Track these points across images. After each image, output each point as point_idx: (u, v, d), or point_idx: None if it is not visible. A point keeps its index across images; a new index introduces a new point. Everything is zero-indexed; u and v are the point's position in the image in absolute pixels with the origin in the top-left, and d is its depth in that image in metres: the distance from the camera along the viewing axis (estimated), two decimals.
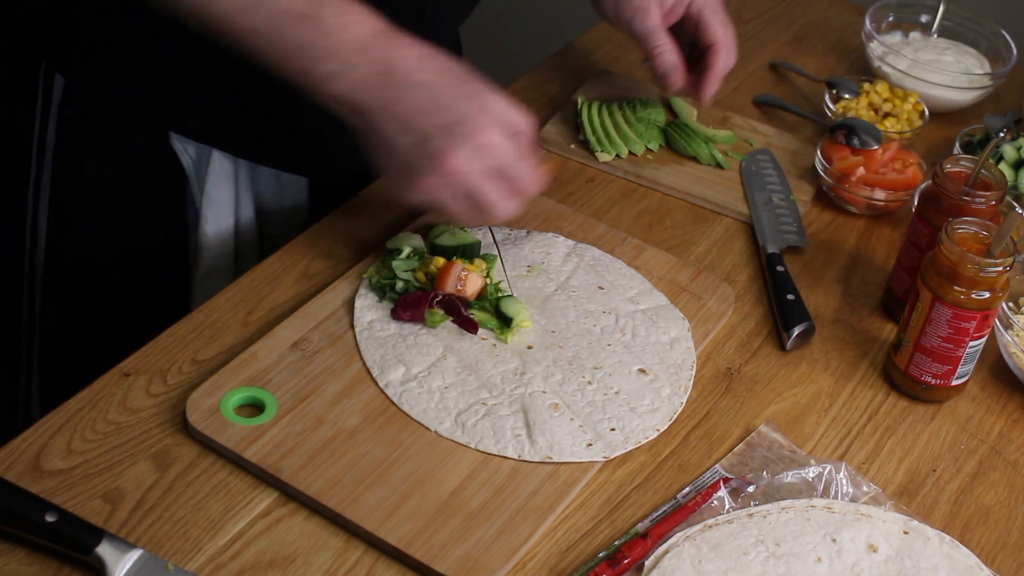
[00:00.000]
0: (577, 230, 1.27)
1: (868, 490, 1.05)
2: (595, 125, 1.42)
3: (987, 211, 1.17)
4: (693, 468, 1.06)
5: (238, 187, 1.33)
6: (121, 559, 0.90)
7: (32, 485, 0.96)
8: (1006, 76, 1.58)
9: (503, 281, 1.19)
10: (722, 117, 1.50)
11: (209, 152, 1.29)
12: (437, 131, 1.04)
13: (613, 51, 1.62)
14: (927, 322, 1.12)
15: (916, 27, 1.67)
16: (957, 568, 0.99)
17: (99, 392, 1.05)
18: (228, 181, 1.31)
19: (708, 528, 0.98)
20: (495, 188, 1.07)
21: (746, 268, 1.29)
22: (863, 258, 1.33)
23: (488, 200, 1.07)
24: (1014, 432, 1.15)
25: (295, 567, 0.94)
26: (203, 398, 1.03)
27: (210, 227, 1.32)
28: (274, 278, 1.18)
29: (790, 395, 1.15)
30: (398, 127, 1.05)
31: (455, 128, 1.04)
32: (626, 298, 1.20)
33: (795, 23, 1.75)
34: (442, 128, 1.04)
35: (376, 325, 1.12)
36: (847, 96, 1.51)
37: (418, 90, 1.05)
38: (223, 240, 1.34)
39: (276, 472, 0.98)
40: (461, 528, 0.96)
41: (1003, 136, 1.40)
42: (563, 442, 1.04)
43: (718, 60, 1.32)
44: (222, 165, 1.30)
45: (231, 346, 1.11)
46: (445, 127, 1.04)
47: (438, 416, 1.05)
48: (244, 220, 1.35)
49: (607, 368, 1.12)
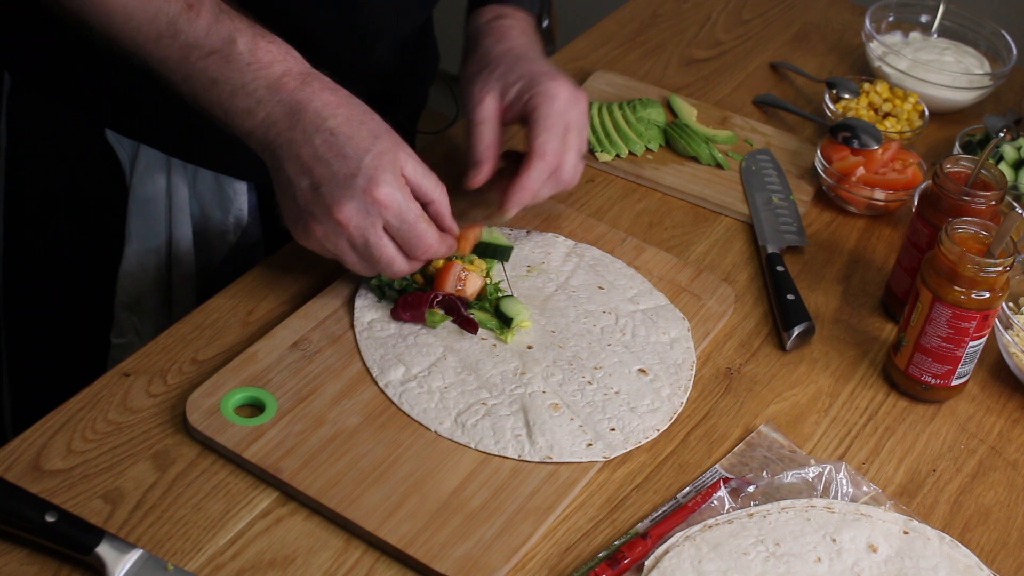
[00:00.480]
0: (577, 230, 1.27)
1: (868, 490, 1.05)
2: (595, 125, 1.42)
3: (987, 211, 1.17)
4: (693, 468, 1.06)
5: (171, 186, 1.30)
6: (121, 559, 0.90)
7: (32, 485, 0.96)
8: (1006, 76, 1.58)
9: (503, 281, 1.19)
10: (722, 117, 1.50)
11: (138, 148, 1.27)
12: (333, 180, 1.04)
13: (613, 51, 1.62)
14: (927, 322, 1.12)
15: (916, 27, 1.67)
16: (957, 568, 0.99)
17: (99, 392, 1.05)
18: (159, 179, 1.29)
19: (708, 528, 0.98)
20: (388, 245, 1.06)
21: (746, 268, 1.29)
22: (863, 258, 1.33)
23: (380, 255, 1.06)
24: (1014, 432, 1.15)
25: (295, 567, 0.94)
26: (203, 398, 1.03)
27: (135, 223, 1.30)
28: (274, 278, 1.18)
29: (790, 395, 1.15)
30: (299, 170, 1.05)
31: (352, 180, 1.04)
32: (626, 298, 1.20)
33: (795, 23, 1.75)
34: (339, 177, 1.04)
35: (376, 325, 1.12)
36: (847, 96, 1.51)
37: (325, 135, 1.04)
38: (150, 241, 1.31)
39: (276, 472, 0.98)
40: (461, 528, 0.96)
41: (1003, 136, 1.40)
42: (563, 442, 1.04)
43: (527, 168, 1.14)
44: (150, 162, 1.28)
45: (231, 346, 1.11)
46: (342, 177, 1.04)
47: (438, 416, 1.05)
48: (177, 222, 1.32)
49: (607, 368, 1.12)
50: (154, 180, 1.29)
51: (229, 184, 1.32)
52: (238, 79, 1.04)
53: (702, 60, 1.63)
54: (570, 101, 1.16)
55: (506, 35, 1.23)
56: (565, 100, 1.15)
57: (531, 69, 1.18)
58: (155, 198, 1.29)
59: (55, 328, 1.41)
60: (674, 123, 1.45)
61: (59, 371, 1.40)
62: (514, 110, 1.17)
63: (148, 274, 1.33)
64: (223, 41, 1.04)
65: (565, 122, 1.15)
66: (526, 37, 1.25)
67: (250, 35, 1.06)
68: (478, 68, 1.20)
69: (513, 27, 1.25)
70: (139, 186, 1.29)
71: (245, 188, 1.33)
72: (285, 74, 1.06)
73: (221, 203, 1.33)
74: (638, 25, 1.69)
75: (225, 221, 1.34)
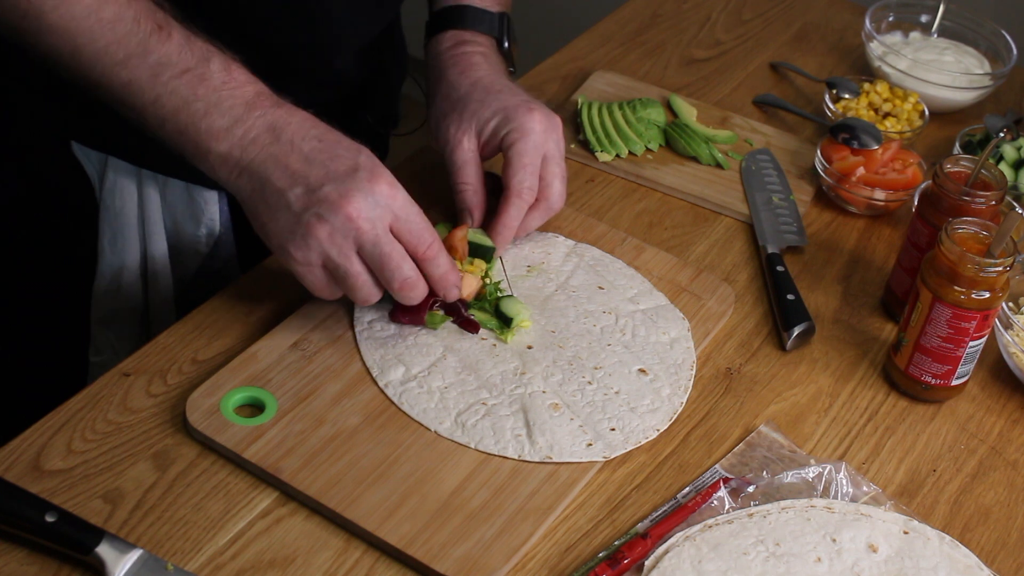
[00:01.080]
0: (577, 230, 1.27)
1: (868, 490, 1.05)
2: (595, 125, 1.42)
3: (987, 211, 1.17)
4: (693, 468, 1.06)
5: (143, 199, 1.28)
6: (121, 559, 0.90)
7: (32, 485, 0.96)
8: (1006, 76, 1.58)
9: (503, 281, 1.19)
10: (722, 117, 1.50)
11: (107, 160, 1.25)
12: (333, 177, 1.01)
13: (613, 51, 1.62)
14: (927, 322, 1.12)
15: (916, 27, 1.67)
16: (957, 568, 0.99)
17: (99, 392, 1.05)
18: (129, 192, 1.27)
19: (708, 528, 0.98)
20: (394, 246, 1.02)
21: (746, 268, 1.29)
22: (863, 258, 1.33)
23: (391, 253, 1.02)
24: (1014, 432, 1.15)
25: (295, 567, 0.94)
26: (203, 398, 1.03)
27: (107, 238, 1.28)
28: (274, 278, 1.18)
29: (790, 395, 1.15)
30: (289, 179, 1.01)
31: (354, 174, 1.01)
32: (626, 298, 1.20)
33: (795, 23, 1.75)
34: (339, 174, 1.01)
35: (376, 325, 1.12)
36: (847, 96, 1.51)
37: (312, 143, 1.02)
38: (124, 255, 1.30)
39: (276, 472, 0.98)
40: (461, 528, 0.96)
41: (1003, 136, 1.40)
42: (563, 442, 1.04)
43: (506, 208, 1.16)
44: (120, 175, 1.26)
45: (231, 346, 1.11)
46: (342, 173, 1.01)
47: (438, 416, 1.05)
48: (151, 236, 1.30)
49: (607, 368, 1.12)
50: (124, 193, 1.27)
51: (199, 194, 1.30)
52: (213, 97, 1.02)
53: (702, 60, 1.63)
54: (546, 132, 1.17)
55: (470, 65, 1.23)
56: (540, 132, 1.16)
57: (504, 103, 1.18)
58: (126, 212, 1.28)
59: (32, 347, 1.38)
60: (674, 123, 1.45)
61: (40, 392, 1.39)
62: (491, 146, 1.19)
63: (124, 290, 1.31)
64: (197, 60, 1.03)
65: (542, 154, 1.17)
66: (489, 65, 1.24)
67: (222, 56, 1.04)
68: (449, 107, 1.20)
69: (475, 54, 1.24)
70: (109, 200, 1.27)
71: (216, 197, 1.31)
72: (260, 94, 1.04)
73: (193, 214, 1.31)
74: (638, 25, 1.69)
75: (197, 232, 1.32)
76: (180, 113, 1.02)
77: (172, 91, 1.02)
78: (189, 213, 1.31)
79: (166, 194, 1.29)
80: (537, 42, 2.12)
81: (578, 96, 1.48)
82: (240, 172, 1.03)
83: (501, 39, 1.29)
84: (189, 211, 1.31)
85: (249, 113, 1.02)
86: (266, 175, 1.02)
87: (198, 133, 1.02)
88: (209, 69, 1.03)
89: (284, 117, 1.03)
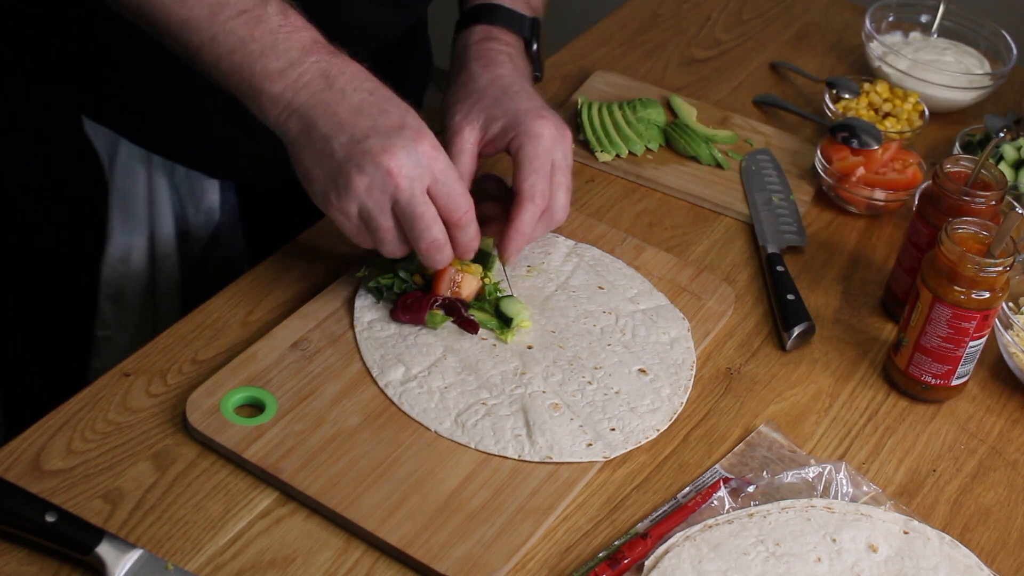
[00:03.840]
0: (577, 230, 1.27)
1: (868, 490, 1.05)
2: (595, 125, 1.42)
3: (987, 211, 1.17)
4: (693, 468, 1.06)
5: (151, 181, 1.29)
6: (121, 559, 0.90)
7: (32, 485, 0.96)
8: (1006, 76, 1.58)
9: (503, 281, 1.19)
10: (722, 117, 1.50)
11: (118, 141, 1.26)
12: (379, 130, 1.01)
13: (613, 51, 1.62)
14: (927, 322, 1.12)
15: (916, 27, 1.67)
16: (957, 568, 0.99)
17: (99, 392, 1.05)
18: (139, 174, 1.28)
19: (708, 528, 0.98)
20: (428, 207, 1.02)
21: (746, 268, 1.29)
22: (863, 258, 1.33)
23: (423, 213, 1.02)
24: (1014, 432, 1.15)
25: (295, 567, 0.94)
26: (203, 398, 1.03)
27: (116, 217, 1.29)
28: (274, 278, 1.18)
29: (790, 395, 1.15)
30: (336, 126, 1.02)
31: (400, 130, 1.02)
32: (626, 298, 1.20)
33: (795, 23, 1.75)
34: (385, 128, 1.01)
35: (376, 325, 1.12)
36: (847, 96, 1.51)
37: (363, 95, 1.03)
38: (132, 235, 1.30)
39: (276, 472, 0.98)
40: (461, 528, 0.96)
41: (1003, 136, 1.40)
42: (563, 442, 1.04)
43: (519, 212, 1.12)
44: (131, 157, 1.27)
45: (231, 346, 1.11)
46: (389, 128, 1.02)
47: (438, 416, 1.05)
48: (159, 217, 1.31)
49: (607, 368, 1.12)
50: (134, 175, 1.28)
51: (200, 181, 1.31)
52: (270, 39, 1.03)
53: (702, 60, 1.63)
54: (555, 140, 1.15)
55: (494, 61, 1.22)
56: (550, 139, 1.14)
57: (517, 106, 1.16)
58: (136, 192, 1.29)
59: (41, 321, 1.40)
60: (674, 123, 1.45)
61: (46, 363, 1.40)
62: (496, 145, 1.16)
63: (131, 267, 1.32)
64: (255, 2, 1.03)
65: (551, 161, 1.14)
66: (513, 65, 1.23)
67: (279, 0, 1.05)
68: (463, 95, 1.19)
69: (501, 52, 1.23)
70: (119, 181, 1.28)
71: (216, 186, 1.32)
72: (316, 41, 1.05)
73: (194, 199, 1.32)
74: (638, 25, 1.69)
75: (197, 216, 1.34)
76: (236, 53, 1.03)
77: (229, 31, 1.03)
78: (191, 198, 1.32)
79: (173, 176, 1.30)
80: None
81: (578, 96, 1.48)
82: (290, 114, 1.03)
83: (530, 41, 1.28)
84: (191, 196, 1.32)
85: (304, 57, 1.03)
86: (314, 119, 1.02)
87: (252, 74, 1.03)
88: (266, 12, 1.03)
89: (339, 65, 1.04)
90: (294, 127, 1.04)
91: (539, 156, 1.13)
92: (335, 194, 1.03)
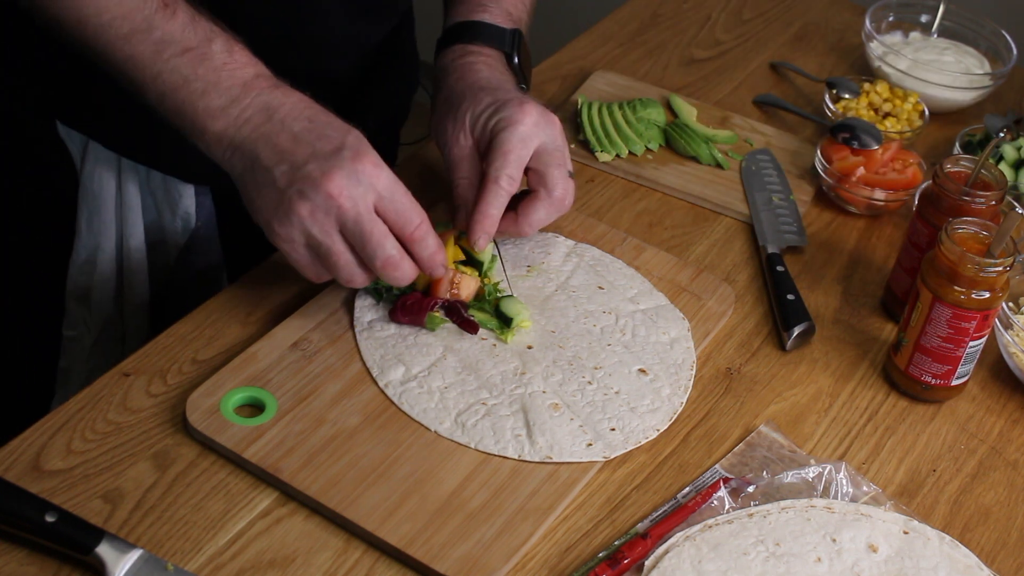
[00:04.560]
0: (577, 230, 1.27)
1: (868, 490, 1.05)
2: (595, 125, 1.42)
3: (987, 211, 1.17)
4: (693, 468, 1.06)
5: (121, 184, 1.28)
6: (121, 559, 0.90)
7: (32, 485, 0.96)
8: (1006, 76, 1.58)
9: (503, 281, 1.19)
10: (722, 117, 1.50)
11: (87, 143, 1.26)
12: (318, 156, 1.01)
13: (613, 51, 1.62)
14: (927, 322, 1.12)
15: (916, 27, 1.67)
16: (957, 568, 0.99)
17: (99, 392, 1.05)
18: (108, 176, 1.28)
19: (708, 528, 0.99)
20: (380, 222, 1.01)
21: (746, 268, 1.29)
22: (863, 258, 1.33)
23: (372, 232, 1.00)
24: (1014, 432, 1.15)
25: (295, 567, 0.94)
26: (203, 398, 1.03)
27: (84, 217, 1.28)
28: (274, 278, 1.18)
29: (790, 395, 1.15)
30: (276, 157, 1.02)
31: (339, 152, 1.01)
32: (626, 298, 1.20)
33: (795, 23, 1.75)
34: (324, 153, 1.01)
35: (376, 325, 1.12)
36: (847, 96, 1.51)
37: (303, 123, 1.03)
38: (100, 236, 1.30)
39: (276, 472, 0.98)
40: (461, 528, 0.96)
41: (1003, 136, 1.40)
42: (563, 442, 1.04)
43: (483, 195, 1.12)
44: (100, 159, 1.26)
45: (231, 346, 1.11)
46: (327, 152, 1.01)
47: (438, 416, 1.05)
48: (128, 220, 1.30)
49: (607, 368, 1.12)
50: (103, 177, 1.28)
51: (175, 186, 1.31)
52: (212, 77, 1.03)
53: (702, 60, 1.63)
54: (537, 125, 1.13)
55: (470, 71, 1.21)
56: (530, 125, 1.12)
57: (497, 97, 1.15)
58: (104, 195, 1.29)
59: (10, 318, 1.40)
60: (674, 123, 1.45)
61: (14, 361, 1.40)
62: (484, 141, 1.14)
63: (98, 269, 1.32)
64: (200, 40, 1.04)
65: (532, 146, 1.13)
66: (491, 71, 1.22)
67: (225, 37, 1.05)
68: (445, 109, 1.18)
69: (477, 63, 1.23)
70: (88, 182, 1.28)
71: (192, 191, 1.32)
72: (259, 75, 1.05)
73: (169, 204, 1.32)
74: (638, 25, 1.69)
75: (174, 223, 1.33)
76: (179, 91, 1.03)
77: (173, 69, 1.03)
78: (167, 203, 1.32)
79: (148, 181, 1.30)
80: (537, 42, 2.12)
81: (578, 96, 1.48)
82: (234, 151, 1.04)
83: (511, 55, 1.26)
84: (167, 201, 1.32)
85: (246, 93, 1.03)
86: (256, 153, 1.02)
87: (195, 112, 1.03)
88: (211, 49, 1.04)
89: (279, 98, 1.04)
90: (238, 163, 1.04)
91: (509, 140, 1.11)
92: (277, 222, 1.02)
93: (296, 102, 1.05)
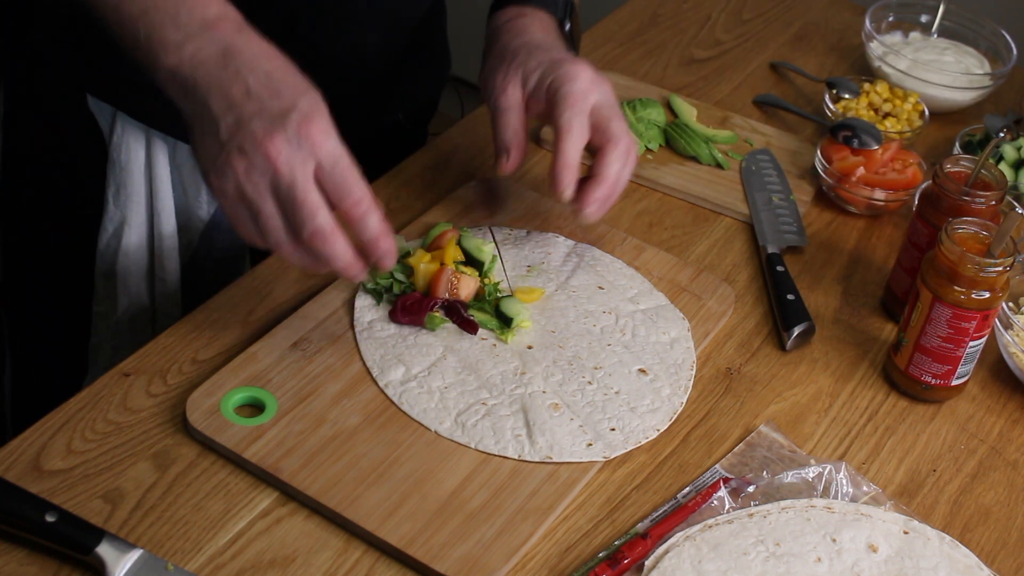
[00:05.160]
0: (577, 230, 1.27)
1: (868, 490, 1.05)
2: None
3: (987, 211, 1.17)
4: (693, 468, 1.06)
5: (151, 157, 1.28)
6: (121, 559, 0.90)
7: (32, 485, 0.96)
8: (1006, 76, 1.58)
9: (503, 281, 1.19)
10: (722, 117, 1.50)
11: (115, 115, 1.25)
12: (264, 114, 0.96)
13: (613, 51, 1.62)
14: (927, 322, 1.12)
15: (916, 27, 1.67)
16: (957, 568, 0.99)
17: (99, 392, 1.05)
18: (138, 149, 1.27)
19: (708, 528, 0.98)
20: (315, 191, 0.96)
21: (746, 268, 1.29)
22: (863, 258, 1.33)
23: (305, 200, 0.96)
24: (1014, 432, 1.15)
25: (295, 567, 0.94)
26: (203, 398, 1.03)
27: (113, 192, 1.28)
28: (274, 278, 1.18)
29: (790, 395, 1.15)
30: (225, 107, 0.97)
31: (286, 115, 0.96)
32: (626, 298, 1.20)
33: (795, 23, 1.75)
34: (271, 112, 0.96)
35: (376, 325, 1.12)
36: (847, 96, 1.51)
37: (259, 76, 0.98)
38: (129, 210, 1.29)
39: (276, 472, 0.98)
40: (461, 528, 0.96)
41: (1003, 136, 1.40)
42: (563, 442, 1.04)
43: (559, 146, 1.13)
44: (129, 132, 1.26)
45: (231, 346, 1.11)
46: (275, 112, 0.96)
47: (438, 416, 1.05)
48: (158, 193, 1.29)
49: (607, 368, 1.12)
50: (132, 150, 1.27)
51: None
52: (172, 10, 0.99)
53: (702, 60, 1.63)
54: (593, 81, 1.15)
55: (524, 30, 1.23)
56: (588, 80, 1.14)
57: (550, 57, 1.17)
58: (132, 168, 1.28)
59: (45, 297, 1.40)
60: (674, 123, 1.45)
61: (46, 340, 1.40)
62: (537, 97, 1.16)
63: (127, 243, 1.31)
64: None
65: (590, 102, 1.14)
66: (544, 32, 1.24)
67: None
68: (497, 62, 1.20)
69: (531, 24, 1.24)
70: (116, 154, 1.27)
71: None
72: (222, 17, 1.00)
73: (194, 179, 1.31)
74: (638, 25, 1.69)
75: (199, 197, 1.33)
76: (137, 22, 1.00)
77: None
78: (192, 179, 1.31)
79: (175, 155, 1.30)
80: None
81: None
82: (185, 92, 0.99)
83: (563, 20, 1.28)
84: (192, 176, 1.31)
85: (203, 32, 0.99)
86: (207, 100, 0.98)
87: (150, 43, 0.99)
88: None
89: (240, 44, 0.99)
90: (188, 106, 1.00)
91: (573, 93, 1.13)
92: (214, 174, 0.98)
93: (257, 52, 1.00)
